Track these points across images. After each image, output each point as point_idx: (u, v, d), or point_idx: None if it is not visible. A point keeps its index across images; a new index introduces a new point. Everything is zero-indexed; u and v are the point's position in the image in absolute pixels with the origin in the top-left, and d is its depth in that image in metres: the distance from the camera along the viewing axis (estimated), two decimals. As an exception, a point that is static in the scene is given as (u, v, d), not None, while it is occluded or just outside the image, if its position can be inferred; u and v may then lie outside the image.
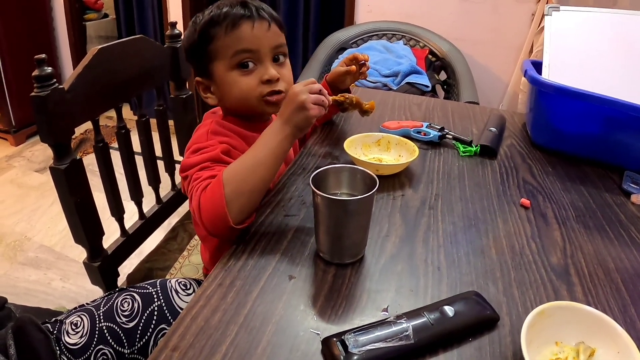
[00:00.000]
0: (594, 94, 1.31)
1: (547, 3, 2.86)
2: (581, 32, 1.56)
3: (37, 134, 4.24)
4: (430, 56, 3.09)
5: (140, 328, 1.10)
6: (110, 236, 1.50)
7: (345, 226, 0.89)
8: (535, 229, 1.08)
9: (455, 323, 0.77)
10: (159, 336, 1.11)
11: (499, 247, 1.01)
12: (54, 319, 1.12)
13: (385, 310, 0.83)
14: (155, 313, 1.12)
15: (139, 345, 1.10)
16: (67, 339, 1.08)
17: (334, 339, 0.73)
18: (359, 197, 0.87)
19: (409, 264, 0.94)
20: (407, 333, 0.73)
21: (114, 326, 1.10)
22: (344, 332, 0.74)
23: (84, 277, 2.49)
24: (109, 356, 1.08)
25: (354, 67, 1.42)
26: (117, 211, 1.52)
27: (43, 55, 1.17)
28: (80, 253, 2.79)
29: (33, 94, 1.16)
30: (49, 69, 1.17)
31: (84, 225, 1.33)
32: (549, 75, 1.49)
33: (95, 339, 1.08)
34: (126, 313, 1.11)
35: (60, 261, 2.79)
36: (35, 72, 1.15)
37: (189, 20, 1.22)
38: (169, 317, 1.12)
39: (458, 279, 0.91)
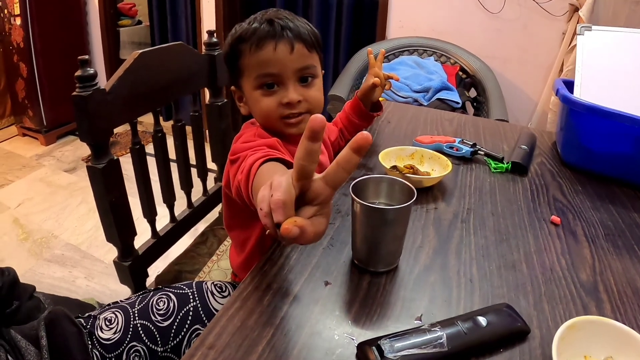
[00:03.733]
0: (625, 113, 1.32)
1: (577, 22, 2.86)
2: (613, 52, 1.57)
3: (67, 135, 4.37)
4: (460, 73, 3.10)
5: (174, 327, 1.13)
6: (139, 237, 1.52)
7: (382, 235, 0.92)
8: (565, 246, 1.10)
9: (488, 333, 0.79)
10: (193, 336, 1.13)
11: (529, 262, 1.02)
12: (87, 314, 1.15)
13: (419, 318, 0.85)
14: (191, 313, 1.14)
15: (172, 344, 1.13)
16: (100, 334, 1.10)
17: (370, 344, 0.76)
18: (398, 206, 0.90)
19: (442, 275, 0.96)
20: (442, 341, 0.75)
21: (149, 324, 1.13)
22: (379, 338, 0.76)
23: (108, 277, 2.55)
24: (142, 353, 1.11)
25: (376, 80, 1.44)
26: (150, 213, 1.55)
27: (86, 57, 1.21)
28: (105, 253, 2.84)
29: (75, 93, 1.19)
30: (91, 70, 1.20)
31: (117, 225, 1.36)
32: (580, 94, 1.50)
33: (129, 336, 1.11)
34: (161, 312, 1.14)
35: (86, 260, 2.84)
36: (78, 73, 1.19)
37: (223, 29, 1.24)
38: (204, 318, 1.14)
39: (490, 291, 0.92)
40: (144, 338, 1.11)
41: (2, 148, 4.29)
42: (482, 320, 0.80)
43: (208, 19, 4.06)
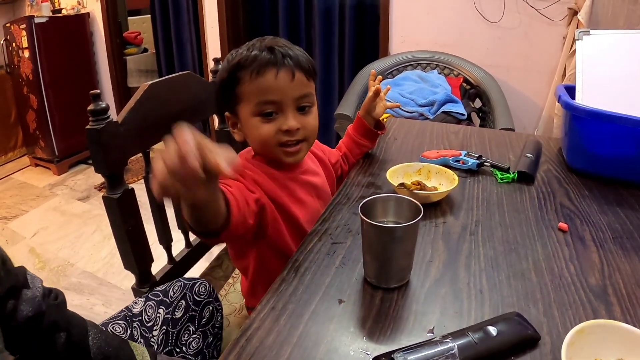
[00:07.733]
0: (628, 116, 1.33)
1: (577, 26, 2.87)
2: (613, 55, 1.58)
3: (79, 164, 4.42)
4: (464, 84, 3.11)
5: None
6: (155, 263, 1.53)
7: (392, 252, 0.94)
8: (574, 252, 1.11)
9: (498, 342, 0.81)
10: None
11: (538, 270, 1.04)
12: None
13: (431, 331, 0.87)
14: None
15: None
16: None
17: (384, 358, 0.78)
18: (406, 224, 0.92)
19: (452, 288, 0.98)
20: (453, 352, 0.77)
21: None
22: (393, 351, 0.78)
23: (125, 303, 2.55)
24: None
25: (378, 86, 1.47)
26: (165, 239, 1.57)
27: (97, 91, 1.25)
28: (122, 279, 2.87)
29: (88, 127, 1.23)
30: (103, 104, 1.24)
31: (135, 253, 1.39)
32: (582, 99, 1.51)
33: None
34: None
35: (103, 287, 2.87)
36: (91, 107, 1.22)
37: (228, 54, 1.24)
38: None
39: (500, 301, 0.94)
40: None
41: (15, 179, 4.36)
42: (493, 330, 0.82)
43: (213, 45, 4.13)
